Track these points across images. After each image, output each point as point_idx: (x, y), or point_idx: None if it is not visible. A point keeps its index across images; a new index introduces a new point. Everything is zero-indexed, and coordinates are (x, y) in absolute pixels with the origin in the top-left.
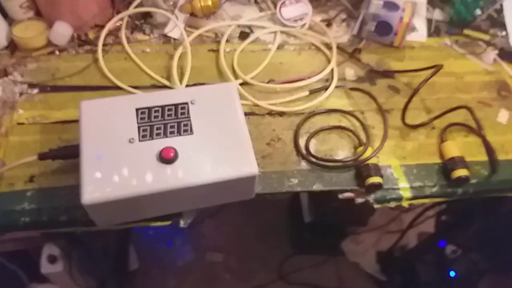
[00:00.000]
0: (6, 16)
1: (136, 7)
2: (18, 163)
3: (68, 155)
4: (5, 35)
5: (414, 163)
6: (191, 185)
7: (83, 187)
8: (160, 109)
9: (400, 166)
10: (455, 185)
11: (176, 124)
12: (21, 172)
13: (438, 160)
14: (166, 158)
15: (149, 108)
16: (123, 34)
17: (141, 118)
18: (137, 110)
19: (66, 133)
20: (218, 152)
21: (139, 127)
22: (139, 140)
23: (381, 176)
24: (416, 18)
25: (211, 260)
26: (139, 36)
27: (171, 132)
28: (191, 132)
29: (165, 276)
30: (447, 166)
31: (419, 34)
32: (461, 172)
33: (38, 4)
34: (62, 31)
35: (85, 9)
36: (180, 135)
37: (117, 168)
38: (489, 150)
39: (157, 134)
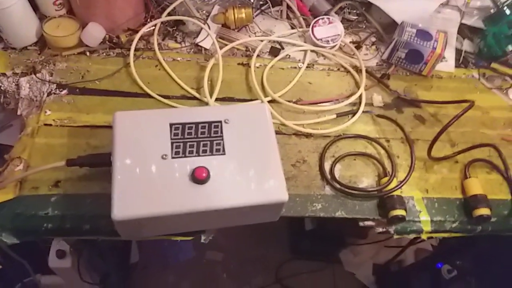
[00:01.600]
0: (36, 10)
1: (169, 13)
2: (46, 167)
3: (97, 163)
4: (35, 31)
5: (436, 197)
6: (221, 207)
7: (115, 202)
8: (193, 126)
9: (422, 199)
10: (475, 222)
11: (209, 142)
12: (47, 176)
13: (460, 196)
14: (199, 178)
15: (183, 124)
16: (155, 40)
17: (175, 134)
18: (171, 125)
19: (94, 138)
20: (249, 176)
21: (172, 143)
22: (172, 157)
23: (405, 209)
24: (446, 48)
25: (211, 258)
26: (171, 43)
27: (204, 151)
28: (224, 152)
29: (164, 271)
30: (469, 203)
31: (448, 64)
32: (483, 211)
33: (72, 3)
34: (95, 33)
35: (121, 13)
36: (212, 154)
37: (149, 185)
38: None
39: (190, 152)
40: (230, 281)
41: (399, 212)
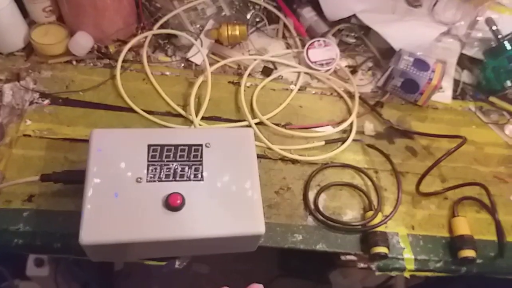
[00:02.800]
0: (26, 16)
1: (162, 26)
2: (19, 181)
3: (71, 180)
4: (23, 37)
5: (421, 234)
6: (194, 237)
7: (83, 226)
8: (172, 148)
9: (407, 235)
10: (460, 263)
11: (187, 167)
12: (20, 189)
13: (447, 234)
14: (173, 205)
15: (162, 146)
16: (144, 53)
17: (152, 156)
18: (149, 146)
19: (73, 152)
20: (226, 206)
21: (148, 166)
22: (147, 181)
23: (388, 247)
24: (444, 78)
25: (196, 271)
26: (161, 56)
27: (181, 176)
28: (201, 178)
29: (148, 281)
30: (455, 243)
31: (445, 95)
32: (468, 253)
33: (62, 11)
34: (83, 42)
35: (110, 23)
36: (189, 180)
37: (120, 209)
38: (499, 232)
39: (166, 176)
40: None
41: (381, 249)
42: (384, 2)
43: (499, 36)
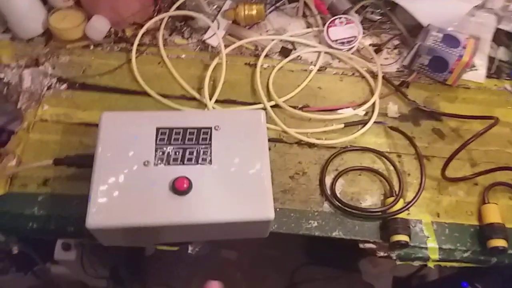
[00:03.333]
0: (46, 3)
1: (178, 8)
2: (33, 165)
3: (84, 164)
4: (41, 22)
5: (448, 222)
6: (200, 222)
7: (89, 210)
8: (181, 131)
9: (431, 223)
10: (489, 253)
11: (195, 150)
12: (36, 173)
13: (476, 222)
14: (179, 189)
15: (170, 129)
16: (160, 36)
17: (160, 139)
18: (157, 129)
19: (88, 136)
20: (234, 190)
21: (156, 149)
22: (154, 164)
23: (409, 235)
24: (477, 55)
25: (225, 257)
26: (177, 39)
27: (189, 159)
28: (210, 162)
29: (178, 266)
30: (484, 232)
31: (478, 74)
32: (498, 242)
33: None
34: (99, 26)
35: (126, 6)
36: (198, 163)
37: (127, 193)
38: None
39: (174, 160)
40: (243, 281)
41: (402, 237)
42: None
43: None
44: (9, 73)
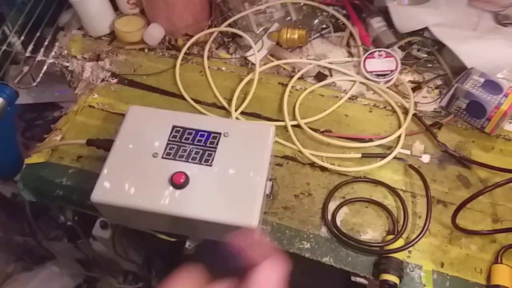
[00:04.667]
0: (117, 9)
1: (230, 25)
2: (69, 142)
3: (109, 148)
4: (109, 24)
5: (451, 274)
6: (188, 216)
7: (96, 185)
8: (193, 132)
9: (432, 272)
10: None
11: (201, 151)
12: (73, 150)
13: (483, 281)
14: (176, 182)
15: (184, 129)
16: (206, 48)
17: (173, 136)
18: (173, 127)
19: None
20: (226, 193)
21: (167, 144)
22: (162, 157)
23: (401, 277)
24: None
25: None
26: (222, 53)
27: (193, 158)
28: (211, 163)
29: None
30: None
31: None
32: None
33: (143, 3)
34: (154, 33)
35: (180, 18)
36: (200, 163)
37: (130, 178)
38: None
39: (180, 156)
40: None
41: (391, 277)
42: (466, 18)
43: None
44: (74, 63)
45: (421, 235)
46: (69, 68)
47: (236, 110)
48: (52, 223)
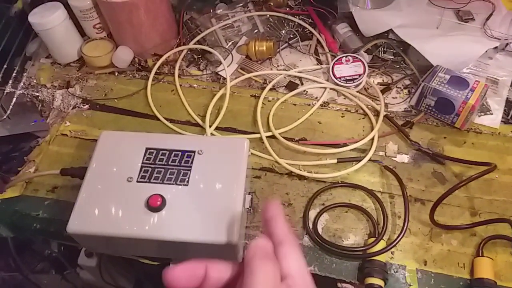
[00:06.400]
0: (84, 34)
1: (198, 41)
2: (43, 173)
3: (83, 176)
4: (76, 50)
5: (435, 272)
6: (168, 239)
7: (72, 216)
8: (167, 152)
9: (416, 271)
10: None
11: (176, 171)
12: (48, 180)
13: (467, 276)
14: (152, 205)
15: (158, 150)
16: (177, 66)
17: (147, 158)
18: (146, 149)
19: None
20: (204, 212)
21: (141, 167)
22: (137, 181)
23: (385, 279)
24: (493, 99)
25: None
26: (193, 70)
27: (169, 179)
28: (187, 183)
29: None
30: (472, 287)
31: (492, 118)
32: None
33: (109, 27)
34: (123, 56)
35: (147, 39)
36: (176, 184)
37: (106, 205)
38: None
39: (155, 178)
40: None
41: (376, 281)
42: (428, 17)
43: None
44: (44, 92)
45: (401, 235)
46: (39, 97)
47: (210, 126)
48: (37, 255)
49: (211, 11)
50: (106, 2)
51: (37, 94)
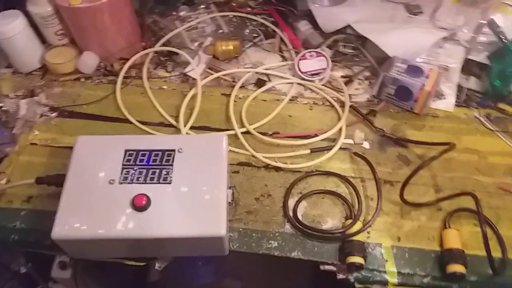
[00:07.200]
0: (45, 41)
1: (164, 44)
2: (17, 183)
3: (60, 183)
4: (38, 58)
5: (408, 246)
6: (156, 236)
7: (55, 222)
8: (147, 153)
9: (391, 247)
10: (449, 279)
11: (158, 170)
12: (21, 191)
13: (437, 248)
14: (138, 205)
15: (137, 151)
16: (144, 69)
17: (127, 160)
18: (126, 151)
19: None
20: (190, 208)
21: (122, 169)
22: (119, 183)
23: (364, 257)
24: (446, 84)
25: (228, 286)
26: (161, 72)
27: (151, 179)
28: (170, 181)
29: None
30: (443, 257)
31: (446, 103)
32: (456, 268)
33: (71, 33)
34: (89, 61)
35: (113, 43)
36: (158, 183)
37: (90, 208)
38: (487, 245)
39: (138, 179)
40: None
41: (356, 259)
42: (381, 12)
43: (503, 38)
44: (8, 103)
45: (376, 215)
46: (3, 108)
47: (184, 126)
48: (5, 273)
49: (174, 13)
50: (69, 8)
51: (1, 105)
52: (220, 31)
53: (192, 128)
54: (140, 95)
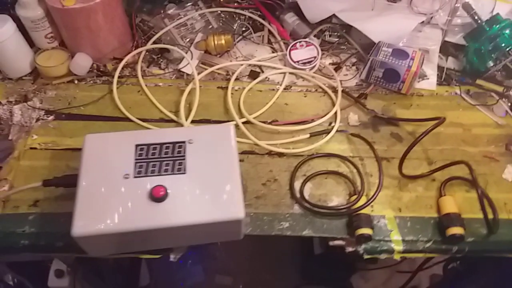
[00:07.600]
0: (33, 45)
1: (155, 42)
2: (24, 187)
3: (71, 184)
4: (29, 62)
5: (409, 216)
6: (177, 225)
7: (75, 220)
8: (158, 146)
9: (394, 218)
10: (449, 242)
11: (171, 162)
12: (27, 196)
13: (435, 215)
14: (156, 196)
15: (148, 145)
16: (139, 67)
17: (139, 155)
18: (136, 146)
19: (74, 160)
20: (207, 194)
21: (135, 163)
22: (134, 177)
23: (372, 228)
24: (427, 65)
25: (220, 283)
26: (155, 70)
27: (165, 170)
28: (184, 171)
29: None
30: (442, 222)
31: (429, 82)
32: (455, 230)
33: (62, 36)
34: (82, 62)
35: (105, 43)
36: (173, 173)
37: (109, 204)
38: (484, 207)
39: (152, 172)
40: None
41: (365, 231)
42: (363, 0)
43: (477, 19)
44: (0, 110)
45: (379, 189)
46: None
47: (186, 120)
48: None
49: (162, 12)
50: (62, 9)
51: None
52: (210, 26)
53: (193, 121)
54: (137, 93)
